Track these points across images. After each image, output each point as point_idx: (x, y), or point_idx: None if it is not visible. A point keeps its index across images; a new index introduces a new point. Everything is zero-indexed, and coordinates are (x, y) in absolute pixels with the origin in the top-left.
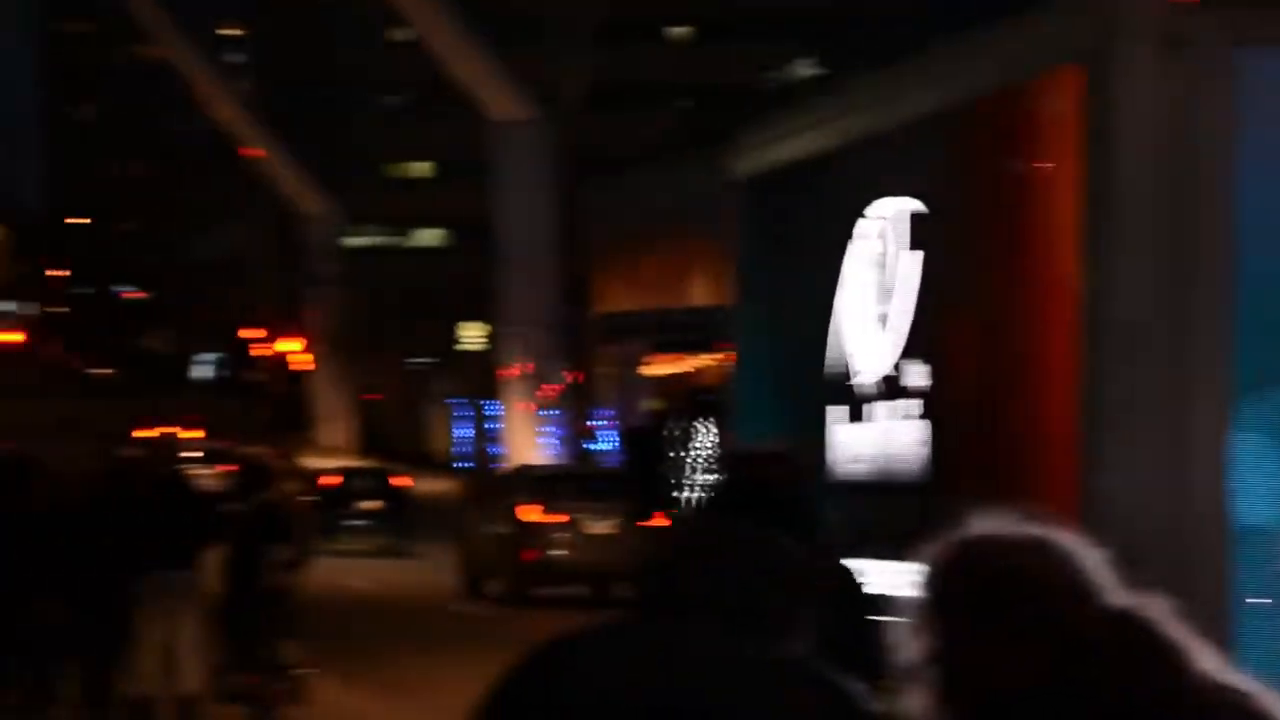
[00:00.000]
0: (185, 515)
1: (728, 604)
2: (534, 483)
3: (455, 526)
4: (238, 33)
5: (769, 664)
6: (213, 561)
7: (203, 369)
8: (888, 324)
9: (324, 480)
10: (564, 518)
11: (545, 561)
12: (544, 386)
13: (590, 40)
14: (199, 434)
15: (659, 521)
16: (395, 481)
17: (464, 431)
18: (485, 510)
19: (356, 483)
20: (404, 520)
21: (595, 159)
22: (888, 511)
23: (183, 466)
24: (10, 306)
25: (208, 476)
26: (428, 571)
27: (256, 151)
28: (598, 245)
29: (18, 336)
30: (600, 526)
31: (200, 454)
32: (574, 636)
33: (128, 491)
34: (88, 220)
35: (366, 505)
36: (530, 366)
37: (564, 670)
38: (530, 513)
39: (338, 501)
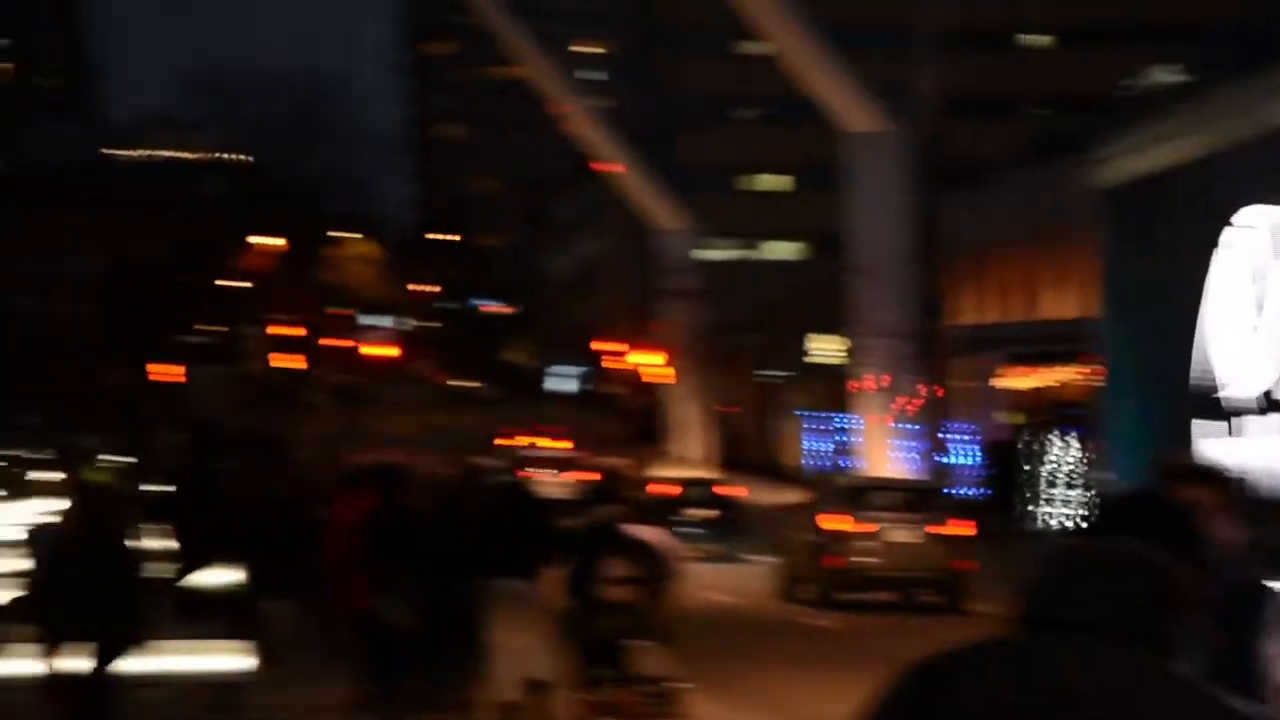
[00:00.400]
0: (526, 525)
1: (1118, 623)
2: (844, 493)
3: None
4: (596, 50)
5: (1168, 683)
6: (555, 573)
7: (563, 381)
8: (1263, 336)
9: (662, 489)
10: (870, 527)
11: (849, 568)
12: (899, 399)
13: (945, 50)
14: (563, 445)
15: (956, 530)
16: (728, 491)
17: (815, 444)
18: (800, 520)
19: (692, 492)
20: (736, 528)
21: (951, 169)
22: (1269, 527)
23: (530, 476)
24: (386, 321)
25: (557, 486)
26: (756, 578)
27: (613, 166)
28: (953, 256)
29: (393, 351)
30: (905, 535)
31: (552, 465)
32: (961, 652)
33: (473, 500)
34: (455, 237)
35: (700, 513)
36: (886, 379)
37: (958, 686)
38: (834, 521)
39: (672, 510)
